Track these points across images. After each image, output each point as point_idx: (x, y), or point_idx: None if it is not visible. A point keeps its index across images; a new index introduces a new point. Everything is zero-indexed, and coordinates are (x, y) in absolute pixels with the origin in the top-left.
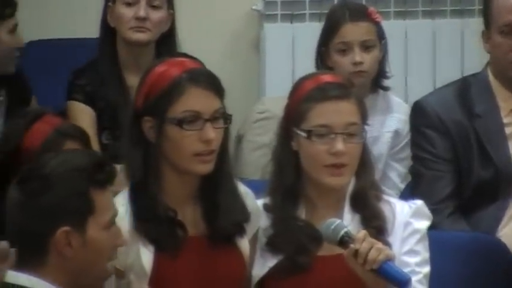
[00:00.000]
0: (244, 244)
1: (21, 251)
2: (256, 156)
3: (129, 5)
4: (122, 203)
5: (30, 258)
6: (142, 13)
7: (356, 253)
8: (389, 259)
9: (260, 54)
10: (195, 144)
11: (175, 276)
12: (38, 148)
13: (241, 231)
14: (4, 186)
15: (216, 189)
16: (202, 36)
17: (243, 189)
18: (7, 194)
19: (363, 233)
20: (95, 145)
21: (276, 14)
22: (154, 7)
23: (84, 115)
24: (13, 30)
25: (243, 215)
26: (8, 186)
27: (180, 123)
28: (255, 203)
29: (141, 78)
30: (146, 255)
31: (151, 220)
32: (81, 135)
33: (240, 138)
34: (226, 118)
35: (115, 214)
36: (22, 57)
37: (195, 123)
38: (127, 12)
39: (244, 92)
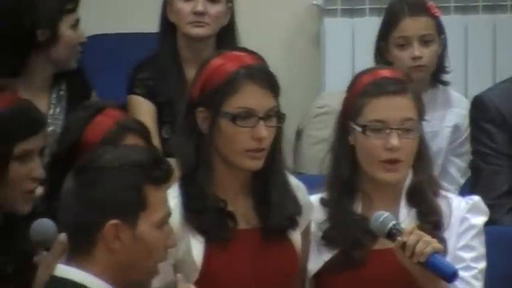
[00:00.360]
0: (296, 237)
1: (70, 242)
2: (315, 150)
3: (187, 0)
4: (173, 196)
5: (78, 249)
6: (200, 8)
7: (404, 246)
8: (437, 252)
9: (320, 49)
10: (247, 140)
11: (227, 269)
12: (99, 141)
13: (293, 224)
14: (63, 179)
15: (267, 185)
16: (262, 31)
17: (294, 182)
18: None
19: (411, 225)
20: (156, 139)
21: (336, 9)
22: (212, 1)
23: (144, 109)
24: (75, 25)
25: (294, 208)
26: None
27: (234, 118)
28: (307, 197)
29: (198, 69)
30: (197, 248)
31: (201, 210)
32: (142, 129)
33: (299, 133)
34: (280, 117)
35: (168, 214)
36: (84, 52)
37: (248, 120)
38: (185, 7)
39: (304, 86)
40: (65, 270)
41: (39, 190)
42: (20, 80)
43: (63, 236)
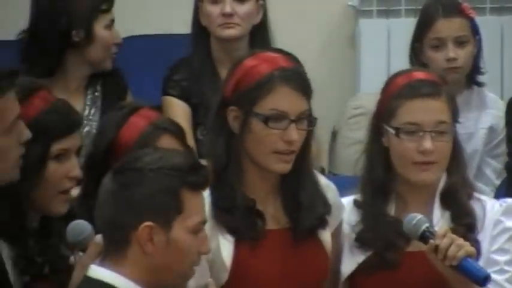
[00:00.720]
0: (326, 237)
1: (105, 242)
2: (350, 152)
3: (215, 2)
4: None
5: (112, 250)
6: (228, 9)
7: (436, 249)
8: (470, 255)
9: (355, 50)
10: (277, 142)
11: (256, 269)
12: (134, 141)
13: (323, 224)
14: (100, 179)
15: (296, 185)
16: (298, 32)
17: (324, 182)
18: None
19: (444, 228)
20: (190, 140)
21: (372, 10)
22: (240, 1)
23: (179, 110)
24: (110, 25)
25: (324, 208)
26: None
27: (266, 120)
28: (337, 197)
29: (230, 69)
30: (226, 247)
31: (231, 209)
32: (177, 130)
33: (335, 134)
34: (311, 121)
35: (204, 221)
36: (118, 53)
37: (280, 122)
38: (214, 10)
39: (339, 87)
40: (96, 270)
41: (75, 191)
42: (56, 81)
43: (99, 238)
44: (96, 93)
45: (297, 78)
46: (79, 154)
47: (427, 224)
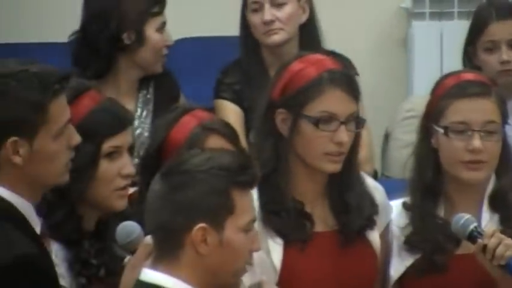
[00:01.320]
0: (375, 237)
1: (156, 245)
2: (403, 154)
3: (255, 11)
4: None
5: (164, 253)
6: (267, 16)
7: (485, 248)
8: None
9: (408, 52)
10: (327, 144)
11: (306, 271)
12: (183, 141)
13: (371, 224)
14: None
15: (344, 187)
16: (350, 34)
17: (372, 183)
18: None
19: (492, 228)
20: (243, 144)
21: (425, 12)
22: (279, 5)
23: (231, 114)
24: (161, 28)
25: (372, 208)
26: None
27: (316, 122)
28: (384, 197)
29: (277, 71)
30: (276, 250)
31: (279, 212)
32: (226, 131)
33: (387, 136)
34: (359, 122)
35: (254, 219)
36: (171, 54)
37: (330, 124)
38: (256, 19)
39: (392, 89)
40: (149, 274)
41: (130, 190)
42: (107, 83)
43: (148, 239)
44: (148, 96)
45: (345, 80)
46: (132, 153)
47: (475, 224)
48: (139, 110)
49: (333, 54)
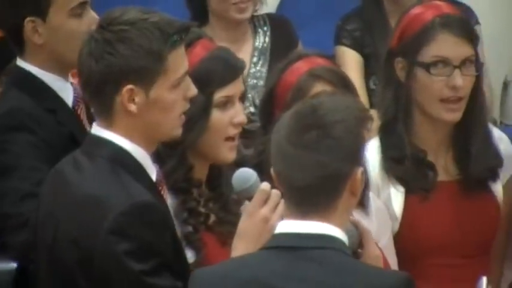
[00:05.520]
0: (497, 188)
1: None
2: None
3: None
4: (375, 146)
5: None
6: None
7: None
8: None
9: None
10: (442, 90)
11: (427, 220)
12: (292, 86)
13: (494, 176)
14: (266, 128)
15: (467, 137)
16: None
17: (497, 133)
18: None
19: None
20: (362, 90)
21: None
22: None
23: (351, 60)
24: None
25: (496, 160)
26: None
27: (428, 67)
28: (510, 148)
29: (398, 19)
30: (397, 198)
31: (401, 160)
32: (335, 79)
33: (506, 84)
34: (478, 66)
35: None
36: (290, 3)
37: (443, 69)
38: None
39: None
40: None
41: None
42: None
43: (265, 185)
44: (265, 45)
45: (458, 24)
46: (243, 101)
47: None
48: (255, 59)
49: (453, 1)
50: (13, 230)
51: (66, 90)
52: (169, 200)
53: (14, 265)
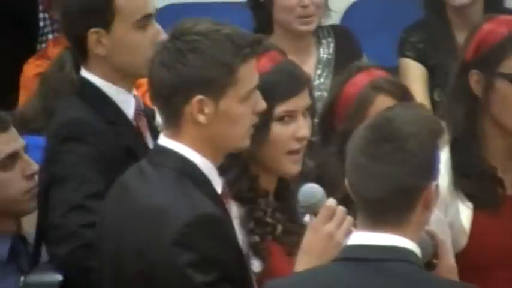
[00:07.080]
0: None
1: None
2: None
3: None
4: (443, 159)
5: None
6: None
7: None
8: None
9: None
10: None
11: (496, 235)
12: (354, 97)
13: None
14: (327, 139)
15: None
16: None
17: None
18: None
19: None
20: (426, 102)
21: None
22: None
23: (415, 72)
24: None
25: None
26: (332, 133)
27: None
28: None
29: (470, 33)
30: (465, 213)
31: (471, 176)
32: (396, 91)
33: None
34: None
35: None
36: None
37: None
38: None
39: None
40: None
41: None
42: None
43: (331, 201)
44: (329, 57)
45: None
46: (313, 114)
47: None
48: (319, 71)
49: None
50: (57, 242)
51: (127, 102)
52: (235, 209)
53: (59, 277)
